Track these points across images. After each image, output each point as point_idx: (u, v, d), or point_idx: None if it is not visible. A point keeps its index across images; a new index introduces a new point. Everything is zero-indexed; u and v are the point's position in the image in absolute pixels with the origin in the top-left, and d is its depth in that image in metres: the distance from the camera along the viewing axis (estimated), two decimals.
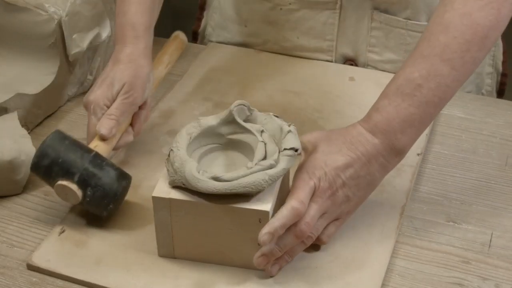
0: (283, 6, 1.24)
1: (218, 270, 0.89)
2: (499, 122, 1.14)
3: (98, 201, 0.91)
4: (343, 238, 0.92)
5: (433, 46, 0.88)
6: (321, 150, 0.89)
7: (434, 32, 0.89)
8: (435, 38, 0.88)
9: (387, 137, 0.88)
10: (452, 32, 0.87)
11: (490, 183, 1.03)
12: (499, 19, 0.88)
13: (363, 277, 0.88)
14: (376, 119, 0.89)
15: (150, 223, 0.94)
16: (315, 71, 1.24)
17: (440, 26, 0.88)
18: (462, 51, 0.87)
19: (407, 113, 0.88)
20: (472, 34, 0.87)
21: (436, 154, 1.08)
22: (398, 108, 0.88)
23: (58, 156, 0.91)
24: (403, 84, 0.88)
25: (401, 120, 0.88)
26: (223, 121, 0.90)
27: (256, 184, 0.83)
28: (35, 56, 1.12)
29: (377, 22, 1.20)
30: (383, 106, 0.89)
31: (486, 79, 1.27)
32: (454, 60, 0.87)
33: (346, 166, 0.88)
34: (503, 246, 0.93)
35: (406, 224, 0.96)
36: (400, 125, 0.88)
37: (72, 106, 1.19)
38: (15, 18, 1.10)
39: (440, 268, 0.90)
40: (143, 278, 0.88)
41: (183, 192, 0.86)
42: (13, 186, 1.00)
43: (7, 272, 0.90)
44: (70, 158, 0.91)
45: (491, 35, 0.88)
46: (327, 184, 0.87)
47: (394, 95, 0.89)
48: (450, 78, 0.88)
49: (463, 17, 0.87)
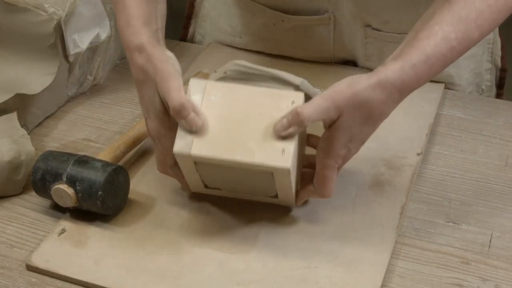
0: (276, 22, 1.24)
1: (218, 270, 0.89)
2: (499, 123, 1.14)
3: (88, 192, 0.92)
4: (343, 238, 0.92)
5: (470, 9, 0.89)
6: (345, 122, 0.87)
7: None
8: (471, 2, 0.89)
9: (407, 94, 0.89)
10: (488, 0, 0.89)
11: (490, 184, 1.03)
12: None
13: (363, 277, 0.88)
14: (409, 75, 0.87)
15: (150, 223, 0.94)
16: (315, 71, 1.24)
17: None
18: (492, 20, 0.90)
19: (435, 73, 0.89)
20: (503, 4, 0.90)
21: (436, 154, 1.08)
22: (431, 68, 0.88)
23: (47, 165, 0.95)
24: (440, 43, 0.88)
25: (427, 79, 0.89)
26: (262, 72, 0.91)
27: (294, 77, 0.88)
28: (35, 56, 1.12)
29: (371, 38, 1.20)
30: (419, 63, 0.87)
31: (485, 75, 1.27)
32: (484, 27, 0.90)
33: (369, 132, 0.89)
34: (503, 247, 0.93)
35: (406, 224, 0.96)
36: (424, 83, 0.89)
37: (72, 106, 1.19)
38: (15, 18, 1.10)
39: (440, 269, 0.90)
40: (143, 278, 0.88)
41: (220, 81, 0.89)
42: (13, 186, 1.00)
43: (6, 272, 0.90)
44: (57, 163, 0.95)
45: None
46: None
47: (431, 54, 0.87)
48: (476, 42, 0.91)
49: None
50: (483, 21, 0.89)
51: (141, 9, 0.95)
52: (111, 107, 1.18)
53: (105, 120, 1.16)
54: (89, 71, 1.20)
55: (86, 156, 0.96)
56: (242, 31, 1.28)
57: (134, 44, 0.92)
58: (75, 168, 0.94)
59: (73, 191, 0.93)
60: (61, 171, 0.94)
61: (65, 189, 0.93)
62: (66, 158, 0.95)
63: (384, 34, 1.18)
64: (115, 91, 1.22)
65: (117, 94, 1.21)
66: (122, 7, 0.96)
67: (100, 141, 1.11)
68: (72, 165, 0.94)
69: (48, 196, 0.96)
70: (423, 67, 0.87)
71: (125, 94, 1.20)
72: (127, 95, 1.20)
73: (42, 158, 0.96)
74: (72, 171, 0.94)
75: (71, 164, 0.94)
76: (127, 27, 0.95)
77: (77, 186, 0.93)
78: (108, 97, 1.21)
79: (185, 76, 1.22)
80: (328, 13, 1.20)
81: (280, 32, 1.24)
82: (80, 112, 1.17)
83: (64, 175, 0.94)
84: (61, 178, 0.94)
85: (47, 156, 0.96)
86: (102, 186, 0.92)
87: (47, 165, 0.95)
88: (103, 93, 1.22)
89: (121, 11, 0.97)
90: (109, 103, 1.19)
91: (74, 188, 0.93)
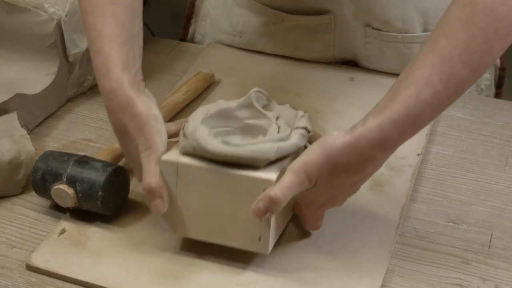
0: (276, 22, 1.24)
1: (218, 270, 0.88)
2: (499, 123, 1.14)
3: (88, 192, 0.92)
4: (343, 239, 0.92)
5: (453, 45, 0.79)
6: (322, 186, 0.85)
7: (453, 28, 0.80)
8: (455, 35, 0.79)
9: (392, 152, 0.84)
10: (473, 30, 0.78)
11: (490, 184, 1.03)
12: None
13: (362, 277, 0.88)
14: (390, 131, 0.81)
15: (150, 223, 0.94)
16: (315, 71, 1.24)
17: (460, 22, 0.79)
18: (482, 52, 0.79)
19: (422, 125, 0.82)
20: (494, 32, 0.78)
21: (436, 154, 1.08)
22: (415, 120, 0.81)
23: (48, 166, 0.95)
24: (423, 90, 0.79)
25: (412, 132, 0.82)
26: (241, 105, 0.90)
27: (264, 151, 0.82)
28: (35, 56, 1.12)
29: (371, 38, 1.20)
30: (400, 117, 0.80)
31: (484, 74, 1.26)
32: (474, 62, 0.79)
33: (351, 184, 0.86)
34: (503, 247, 0.93)
35: (406, 224, 0.96)
36: (408, 138, 0.83)
37: (72, 107, 1.19)
38: (15, 18, 1.10)
39: (440, 269, 0.90)
40: (143, 278, 0.88)
41: (192, 158, 0.86)
42: (13, 186, 1.00)
43: (6, 272, 0.90)
44: (57, 163, 0.95)
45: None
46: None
47: (412, 105, 0.80)
48: (468, 81, 0.81)
49: (484, 12, 0.78)
50: (470, 55, 0.79)
51: (121, 54, 0.89)
52: None
53: (105, 120, 1.15)
54: (89, 71, 1.20)
55: (86, 157, 0.96)
56: (242, 31, 1.28)
57: (115, 94, 0.88)
58: (75, 168, 0.94)
59: (73, 191, 0.93)
60: (61, 171, 0.94)
61: (65, 189, 0.93)
62: (66, 158, 0.95)
63: (384, 33, 1.18)
64: None
65: None
66: (99, 49, 0.90)
67: (100, 141, 1.11)
68: (72, 165, 0.94)
69: (48, 196, 0.96)
70: (405, 121, 0.80)
71: None
72: None
73: (42, 158, 0.96)
74: (72, 172, 0.93)
75: (71, 164, 0.94)
76: (105, 73, 0.89)
77: (77, 186, 0.93)
78: None
79: (185, 77, 1.22)
80: (328, 13, 1.20)
81: (280, 32, 1.24)
82: (80, 112, 1.17)
83: (64, 175, 0.94)
84: (61, 178, 0.94)
85: (47, 156, 0.96)
86: (102, 186, 0.92)
87: (47, 165, 0.95)
88: None
89: (97, 52, 0.90)
90: None
91: (74, 189, 0.93)
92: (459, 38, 0.79)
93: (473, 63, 0.80)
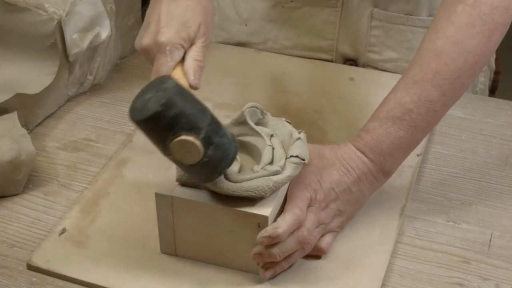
0: (285, 4, 1.24)
1: (218, 270, 0.89)
2: (499, 122, 1.14)
3: (217, 162, 0.80)
4: (343, 239, 0.92)
5: (425, 72, 0.90)
6: (315, 164, 0.90)
7: (426, 58, 0.90)
8: (427, 64, 0.90)
9: (376, 158, 0.91)
10: (444, 60, 0.89)
11: (490, 183, 1.03)
12: (489, 46, 0.90)
13: (363, 277, 0.88)
14: (366, 139, 0.91)
15: (151, 223, 0.94)
16: (315, 71, 1.24)
17: (432, 53, 0.90)
18: (452, 78, 0.89)
19: (396, 136, 0.90)
20: (463, 61, 0.89)
21: (436, 154, 1.08)
22: (388, 130, 0.90)
23: (186, 107, 0.78)
24: (394, 107, 0.90)
25: (390, 142, 0.90)
26: (235, 121, 0.90)
27: (259, 189, 0.83)
28: (35, 56, 1.12)
29: (377, 21, 1.21)
30: (374, 128, 0.91)
31: (479, 77, 1.27)
32: (445, 86, 0.89)
33: (340, 181, 0.90)
34: (503, 246, 0.94)
35: (406, 224, 0.96)
36: (389, 147, 0.91)
37: (72, 106, 1.19)
38: (15, 18, 1.10)
39: (440, 268, 0.90)
40: (143, 278, 0.88)
41: (186, 190, 0.86)
42: (13, 186, 1.00)
43: (7, 272, 0.90)
44: (196, 111, 0.79)
45: (481, 61, 0.91)
46: (322, 196, 0.88)
47: (384, 118, 0.91)
48: (439, 103, 0.90)
49: (455, 45, 0.89)
50: (442, 80, 0.89)
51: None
52: (111, 106, 1.18)
53: (106, 120, 1.16)
54: (89, 71, 1.20)
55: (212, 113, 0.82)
56: (248, 18, 1.28)
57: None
58: (212, 127, 0.80)
59: (204, 152, 0.79)
60: (201, 125, 0.78)
61: (199, 147, 0.78)
62: (203, 109, 0.80)
63: (390, 15, 1.20)
64: (115, 90, 1.22)
65: (117, 93, 1.21)
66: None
67: (100, 141, 1.11)
68: (211, 122, 0.80)
69: (162, 135, 0.79)
70: (378, 131, 0.90)
71: (125, 94, 1.20)
72: (127, 94, 1.20)
73: (178, 89, 0.79)
74: (211, 131, 0.79)
75: (209, 120, 0.80)
76: None
77: (210, 150, 0.79)
78: (108, 96, 1.21)
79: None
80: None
81: (286, 16, 1.25)
82: (81, 112, 1.17)
83: (203, 131, 0.78)
84: (199, 133, 0.78)
85: (181, 91, 0.79)
86: (230, 162, 0.82)
87: (185, 106, 0.78)
88: (103, 92, 1.22)
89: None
90: (109, 102, 1.19)
91: (206, 151, 0.79)
92: (430, 66, 0.90)
93: (444, 87, 0.89)
